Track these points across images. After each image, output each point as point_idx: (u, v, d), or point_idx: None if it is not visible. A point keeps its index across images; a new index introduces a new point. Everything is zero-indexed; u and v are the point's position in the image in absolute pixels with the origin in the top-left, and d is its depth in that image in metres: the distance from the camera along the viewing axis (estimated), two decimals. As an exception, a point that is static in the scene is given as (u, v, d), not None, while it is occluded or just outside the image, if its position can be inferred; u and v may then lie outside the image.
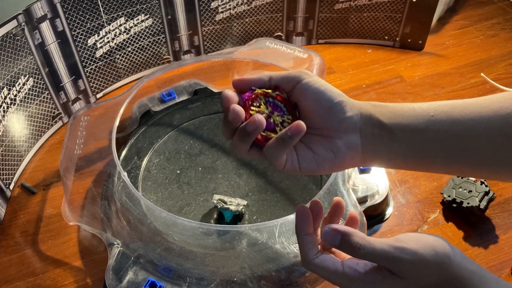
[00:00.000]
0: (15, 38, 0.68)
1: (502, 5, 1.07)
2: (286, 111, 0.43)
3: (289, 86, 0.43)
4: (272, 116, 0.42)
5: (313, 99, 0.42)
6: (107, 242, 0.61)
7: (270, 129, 0.42)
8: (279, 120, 0.43)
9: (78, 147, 0.68)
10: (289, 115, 0.43)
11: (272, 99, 0.43)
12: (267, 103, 0.43)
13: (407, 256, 0.38)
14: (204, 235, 0.58)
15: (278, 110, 0.43)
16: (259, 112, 0.42)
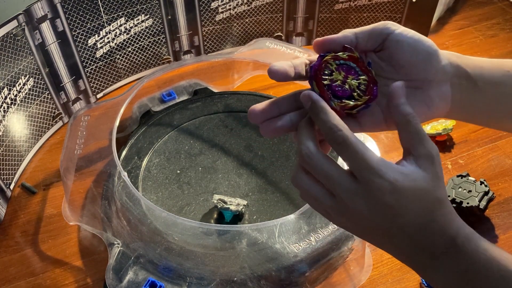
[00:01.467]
0: (16, 38, 0.68)
1: (501, 5, 1.07)
2: (360, 71, 0.40)
3: (378, 40, 0.40)
4: (347, 81, 0.40)
5: (409, 50, 0.39)
6: (107, 242, 0.61)
7: (347, 96, 0.39)
8: (355, 84, 0.40)
9: (78, 147, 0.68)
10: (364, 75, 0.40)
11: (343, 61, 0.40)
12: (340, 67, 0.40)
13: (438, 156, 0.37)
14: (204, 235, 0.58)
15: (352, 72, 0.40)
16: (333, 81, 0.39)
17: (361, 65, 0.40)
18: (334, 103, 0.39)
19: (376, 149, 0.72)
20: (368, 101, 0.40)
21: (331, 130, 0.36)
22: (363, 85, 0.40)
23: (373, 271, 0.61)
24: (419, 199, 0.36)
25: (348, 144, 0.36)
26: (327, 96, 0.39)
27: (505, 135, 0.78)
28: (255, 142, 0.74)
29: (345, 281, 0.59)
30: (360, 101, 0.40)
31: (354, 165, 0.36)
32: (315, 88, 0.40)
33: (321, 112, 0.37)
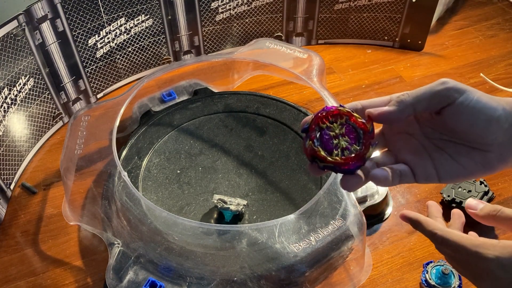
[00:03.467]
0: (16, 39, 0.68)
1: (501, 6, 1.07)
2: (360, 140, 0.39)
3: (437, 107, 0.38)
4: (339, 138, 0.38)
5: (467, 120, 0.37)
6: (107, 241, 0.61)
7: (328, 150, 0.38)
8: (343, 145, 0.38)
9: (78, 147, 0.68)
10: (359, 146, 0.38)
11: (353, 123, 0.39)
12: (345, 125, 0.39)
13: None
14: (204, 234, 0.58)
15: (352, 136, 0.39)
16: (328, 129, 0.38)
17: (367, 139, 0.39)
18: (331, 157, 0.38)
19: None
20: (340, 165, 0.38)
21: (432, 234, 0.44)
22: (349, 152, 0.38)
23: (373, 271, 0.61)
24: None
25: (447, 240, 0.42)
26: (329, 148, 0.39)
27: (504, 135, 0.78)
28: (255, 142, 0.74)
29: (345, 281, 0.59)
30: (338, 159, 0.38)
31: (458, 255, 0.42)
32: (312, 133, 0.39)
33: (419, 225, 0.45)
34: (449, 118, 0.38)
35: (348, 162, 0.38)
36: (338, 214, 0.59)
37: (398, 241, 0.65)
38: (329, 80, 0.90)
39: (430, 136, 0.41)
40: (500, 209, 0.43)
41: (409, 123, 0.42)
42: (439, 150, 0.40)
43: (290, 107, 0.78)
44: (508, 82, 0.88)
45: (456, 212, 0.49)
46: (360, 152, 0.38)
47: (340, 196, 0.59)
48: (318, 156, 0.38)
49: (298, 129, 0.75)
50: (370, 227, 0.66)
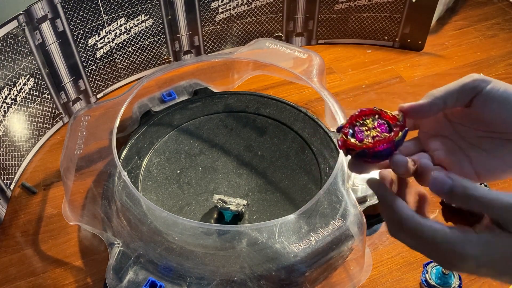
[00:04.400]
0: (16, 39, 0.68)
1: (501, 6, 1.07)
2: (390, 130, 0.39)
3: (467, 99, 0.39)
4: (371, 130, 0.39)
5: (498, 107, 0.38)
6: (107, 241, 0.61)
7: (358, 139, 0.39)
8: (374, 134, 0.39)
9: (78, 147, 0.68)
10: (389, 133, 0.39)
11: (386, 120, 0.40)
12: (377, 120, 0.40)
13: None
14: (204, 234, 0.58)
15: (383, 128, 0.39)
16: (362, 125, 0.40)
17: (397, 127, 0.39)
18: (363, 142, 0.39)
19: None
20: (369, 148, 0.39)
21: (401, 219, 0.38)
22: (378, 138, 0.39)
23: (373, 271, 0.61)
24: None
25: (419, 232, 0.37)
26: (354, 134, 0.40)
27: (504, 135, 0.78)
28: (255, 142, 0.74)
29: (345, 281, 0.59)
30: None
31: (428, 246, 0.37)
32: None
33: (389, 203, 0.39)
34: (479, 109, 0.38)
35: (377, 144, 0.38)
36: (338, 214, 0.59)
37: (398, 241, 0.64)
38: (329, 80, 0.90)
39: (464, 135, 0.41)
40: (471, 189, 0.36)
41: (441, 124, 0.42)
42: (475, 148, 0.40)
43: (290, 107, 0.78)
44: (508, 82, 0.87)
45: (421, 194, 0.43)
46: (389, 136, 0.38)
47: (340, 196, 0.59)
48: (349, 145, 0.38)
49: (298, 129, 0.75)
50: (370, 227, 0.66)
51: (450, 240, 0.36)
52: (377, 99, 0.85)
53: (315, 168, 0.69)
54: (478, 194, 0.35)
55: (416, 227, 0.37)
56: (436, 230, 0.36)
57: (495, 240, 0.35)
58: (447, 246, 0.36)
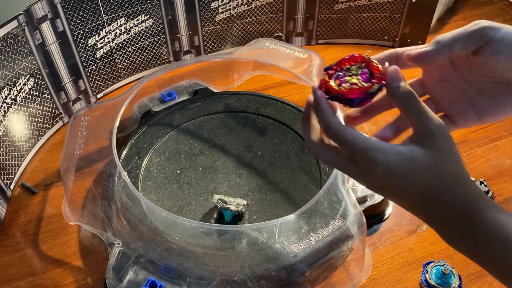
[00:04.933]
0: (16, 39, 0.68)
1: (501, 6, 1.07)
2: (370, 80, 0.40)
3: (474, 47, 0.39)
4: (352, 77, 0.40)
5: (506, 58, 0.38)
6: (107, 241, 0.61)
7: (339, 84, 0.40)
8: (353, 81, 0.40)
9: (78, 147, 0.68)
10: (367, 83, 0.40)
11: (370, 69, 0.40)
12: (362, 69, 0.41)
13: (444, 130, 0.37)
14: (204, 234, 0.58)
15: (365, 77, 0.41)
16: (347, 70, 0.41)
17: (376, 79, 0.40)
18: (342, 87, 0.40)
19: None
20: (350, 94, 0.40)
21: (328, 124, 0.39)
22: (355, 86, 0.40)
23: (373, 271, 0.61)
24: (419, 175, 0.37)
25: (339, 133, 0.39)
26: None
27: (505, 135, 0.78)
28: (255, 142, 0.74)
29: (345, 281, 0.59)
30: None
31: (350, 152, 0.39)
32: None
33: (318, 109, 0.40)
34: (486, 57, 0.38)
35: (351, 92, 0.40)
36: (338, 214, 0.59)
37: (398, 241, 0.65)
38: (329, 80, 0.90)
39: (469, 80, 0.41)
40: (415, 97, 0.38)
41: (446, 69, 0.42)
42: (480, 93, 0.41)
43: (290, 107, 0.78)
44: (508, 82, 0.88)
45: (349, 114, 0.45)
46: (365, 87, 0.40)
47: (340, 196, 0.59)
48: (327, 86, 0.40)
49: (298, 129, 0.75)
50: (370, 227, 0.66)
51: (367, 146, 0.37)
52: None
53: (315, 168, 0.69)
54: (418, 103, 0.37)
55: (340, 133, 0.39)
56: (358, 136, 0.38)
57: (407, 154, 0.37)
58: (364, 152, 0.37)
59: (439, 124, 0.37)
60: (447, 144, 0.37)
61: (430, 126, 0.37)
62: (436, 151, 0.37)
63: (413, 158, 0.37)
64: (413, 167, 0.37)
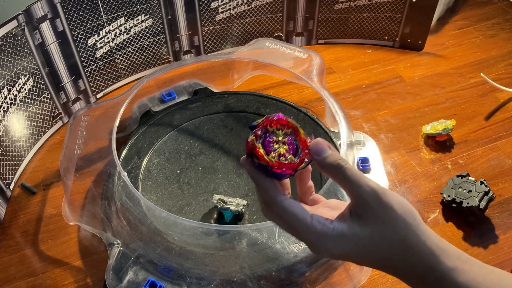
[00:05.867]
0: (15, 38, 0.68)
1: (501, 5, 1.07)
2: (297, 154, 0.40)
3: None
4: (280, 145, 0.40)
5: None
6: (107, 242, 0.61)
7: (266, 151, 0.39)
8: (281, 151, 0.39)
9: (78, 147, 0.68)
10: (295, 157, 0.40)
11: (296, 136, 0.40)
12: (289, 135, 0.40)
13: (380, 197, 0.36)
14: (204, 235, 0.58)
15: (291, 147, 0.40)
16: (273, 134, 0.40)
17: (304, 155, 0.40)
18: (270, 158, 0.39)
19: (376, 149, 0.72)
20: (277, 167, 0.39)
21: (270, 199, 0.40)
22: (284, 159, 0.39)
23: (373, 271, 0.61)
24: (367, 251, 0.37)
25: (282, 215, 0.39)
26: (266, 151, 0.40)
27: (505, 135, 0.78)
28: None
29: (345, 281, 0.59)
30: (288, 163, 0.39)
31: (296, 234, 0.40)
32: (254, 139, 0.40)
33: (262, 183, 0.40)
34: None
35: (280, 167, 0.39)
36: (338, 214, 0.58)
37: (398, 241, 0.64)
38: (329, 80, 0.90)
39: None
40: (343, 166, 0.37)
41: None
42: None
43: (290, 107, 0.78)
44: (508, 82, 0.88)
45: (308, 185, 0.44)
46: (294, 163, 0.39)
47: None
48: (256, 152, 0.39)
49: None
50: (370, 227, 0.66)
51: (309, 233, 0.38)
52: (377, 99, 0.85)
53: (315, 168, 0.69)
54: (348, 172, 0.37)
55: (283, 212, 0.39)
56: (298, 220, 0.38)
57: (348, 233, 0.37)
58: (307, 237, 0.38)
59: (372, 193, 0.36)
60: (388, 212, 0.36)
61: (364, 196, 0.36)
62: (374, 224, 0.36)
63: (355, 237, 0.36)
64: (359, 245, 0.37)
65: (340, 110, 0.69)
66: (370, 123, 0.81)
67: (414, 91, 0.87)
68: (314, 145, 0.39)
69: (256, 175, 0.40)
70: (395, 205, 0.36)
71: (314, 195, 0.45)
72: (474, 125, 0.80)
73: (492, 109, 0.83)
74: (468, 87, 0.88)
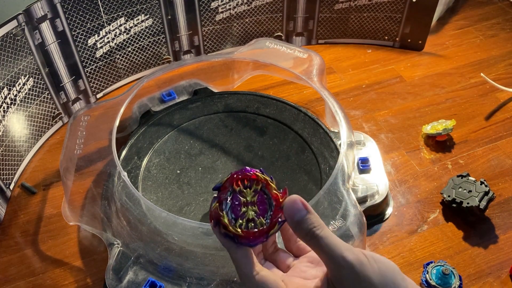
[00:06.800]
0: (15, 38, 0.68)
1: (502, 5, 1.07)
2: (269, 213, 0.36)
3: None
4: (249, 206, 0.36)
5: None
6: (107, 242, 0.61)
7: (234, 216, 0.36)
8: (251, 215, 0.36)
9: (78, 147, 0.68)
10: (266, 221, 0.36)
11: (268, 194, 0.37)
12: (258, 192, 0.36)
13: (357, 272, 0.33)
14: (204, 235, 0.58)
15: (262, 208, 0.36)
16: (240, 193, 0.36)
17: (276, 213, 0.36)
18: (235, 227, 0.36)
19: (376, 149, 0.72)
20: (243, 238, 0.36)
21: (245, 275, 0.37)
22: (254, 225, 0.36)
23: None
24: None
25: None
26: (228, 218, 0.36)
27: (505, 135, 0.78)
28: (255, 142, 0.74)
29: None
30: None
31: None
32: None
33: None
34: None
35: (248, 237, 0.36)
36: (338, 214, 0.59)
37: (398, 242, 0.65)
38: (329, 80, 0.90)
39: None
40: (318, 235, 0.34)
41: None
42: None
43: (290, 107, 0.78)
44: (509, 82, 0.88)
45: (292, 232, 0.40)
46: (264, 229, 0.36)
47: (340, 197, 0.59)
48: (222, 222, 0.36)
49: (298, 129, 0.74)
50: (370, 227, 0.66)
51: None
52: (377, 99, 0.85)
53: (315, 168, 0.69)
54: (322, 242, 0.34)
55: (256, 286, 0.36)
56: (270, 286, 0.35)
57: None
58: None
59: (348, 268, 0.33)
60: (364, 285, 0.34)
61: (340, 271, 0.34)
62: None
63: None
64: None
65: (340, 110, 0.69)
66: (370, 123, 0.81)
67: (414, 91, 0.87)
68: (288, 205, 0.35)
69: (226, 245, 0.37)
70: (373, 278, 0.34)
71: (300, 243, 0.42)
72: (474, 125, 0.80)
73: (492, 109, 0.83)
74: (468, 87, 0.88)
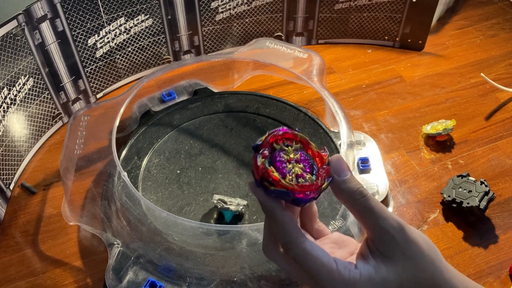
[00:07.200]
0: (15, 38, 0.68)
1: (502, 5, 1.07)
2: (314, 171, 0.34)
3: None
4: (293, 164, 0.34)
5: None
6: (107, 242, 0.61)
7: (280, 172, 0.33)
8: (298, 172, 0.33)
9: (78, 147, 0.68)
10: (313, 177, 0.34)
11: (308, 152, 0.34)
12: (299, 151, 0.34)
13: (406, 232, 0.32)
14: (204, 235, 0.58)
15: (307, 165, 0.34)
16: (282, 151, 0.34)
17: (322, 171, 0.34)
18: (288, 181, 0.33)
19: (376, 149, 0.72)
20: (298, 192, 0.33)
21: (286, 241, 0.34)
22: (304, 180, 0.33)
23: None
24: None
25: (302, 258, 0.33)
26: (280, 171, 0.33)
27: (505, 135, 0.78)
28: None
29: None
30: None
31: (313, 278, 0.34)
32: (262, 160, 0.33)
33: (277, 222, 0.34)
34: None
35: (304, 191, 0.33)
36: (338, 214, 0.59)
37: (398, 241, 0.64)
38: (329, 80, 0.90)
39: None
40: (366, 195, 0.32)
41: None
42: None
43: (290, 107, 0.78)
44: (509, 82, 0.88)
45: (313, 210, 0.38)
46: (317, 183, 0.33)
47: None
48: (271, 177, 0.33)
49: (298, 129, 0.74)
50: (370, 227, 0.66)
51: (336, 282, 0.32)
52: (377, 99, 0.85)
53: (315, 168, 0.69)
54: (372, 202, 0.32)
55: (303, 257, 0.33)
56: (323, 267, 0.33)
57: (376, 276, 0.33)
58: (332, 285, 0.33)
59: (399, 228, 0.32)
60: (415, 249, 0.33)
61: (390, 231, 0.32)
62: (402, 262, 0.32)
63: (384, 280, 0.33)
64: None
65: (340, 110, 0.69)
66: (370, 123, 0.81)
67: (414, 91, 0.87)
68: (335, 162, 0.33)
69: (273, 207, 0.33)
70: (420, 241, 0.33)
71: (319, 224, 0.39)
72: (474, 125, 0.80)
73: (492, 109, 0.83)
74: (468, 87, 0.88)
